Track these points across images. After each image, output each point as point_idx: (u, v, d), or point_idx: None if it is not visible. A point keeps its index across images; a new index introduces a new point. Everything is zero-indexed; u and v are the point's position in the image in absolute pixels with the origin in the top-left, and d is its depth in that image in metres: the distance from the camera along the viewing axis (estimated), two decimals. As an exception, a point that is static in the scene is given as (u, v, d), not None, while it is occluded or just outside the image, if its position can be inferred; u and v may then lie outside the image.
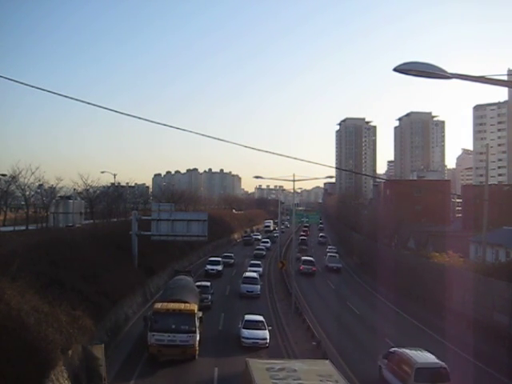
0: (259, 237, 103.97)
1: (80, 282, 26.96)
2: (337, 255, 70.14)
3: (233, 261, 64.17)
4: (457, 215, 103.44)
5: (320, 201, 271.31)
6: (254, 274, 47.60)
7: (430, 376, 20.61)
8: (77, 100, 11.65)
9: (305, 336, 31.36)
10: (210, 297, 37.95)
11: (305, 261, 60.32)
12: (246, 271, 50.52)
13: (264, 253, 74.80)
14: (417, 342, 31.47)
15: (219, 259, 57.70)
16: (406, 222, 71.18)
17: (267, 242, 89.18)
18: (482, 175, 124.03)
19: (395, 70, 7.36)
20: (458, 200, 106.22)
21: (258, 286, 44.71)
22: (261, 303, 42.32)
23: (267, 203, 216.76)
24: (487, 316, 30.50)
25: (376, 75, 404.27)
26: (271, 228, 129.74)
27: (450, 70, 7.42)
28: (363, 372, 25.32)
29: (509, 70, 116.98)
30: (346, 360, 26.97)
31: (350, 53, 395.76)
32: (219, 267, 54.96)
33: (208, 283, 40.87)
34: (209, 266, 54.78)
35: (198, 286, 35.76)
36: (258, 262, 58.75)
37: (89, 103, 11.77)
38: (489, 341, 28.55)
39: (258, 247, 79.14)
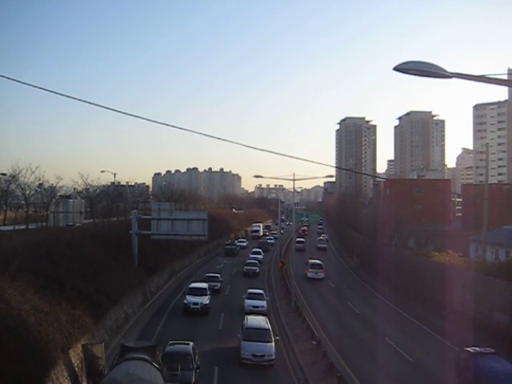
0: (244, 244, 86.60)
1: (80, 282, 26.96)
2: (324, 239, 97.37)
3: (219, 285, 45.96)
4: (457, 215, 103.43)
5: (320, 200, 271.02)
6: (263, 324, 28.72)
7: (315, 266, 56.82)
8: (77, 100, 11.66)
9: (305, 335, 31.41)
10: (193, 380, 20.66)
11: (298, 241, 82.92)
12: (247, 311, 34.93)
13: (257, 269, 57.65)
14: (417, 342, 31.60)
15: (205, 286, 39.43)
16: (406, 221, 71.15)
17: (259, 253, 69.50)
18: (482, 174, 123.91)
19: (395, 69, 7.36)
20: (458, 199, 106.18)
21: (272, 345, 26.32)
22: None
23: (267, 202, 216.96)
24: (487, 315, 30.51)
25: (376, 75, 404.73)
26: (260, 233, 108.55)
27: (450, 69, 7.41)
28: (363, 371, 25.36)
29: (509, 70, 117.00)
30: (346, 358, 27.04)
31: (350, 53, 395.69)
32: (205, 299, 36.85)
33: (189, 347, 22.72)
34: (190, 299, 36.57)
35: (171, 356, 20.95)
36: (260, 291, 40.15)
37: (89, 103, 11.77)
38: (489, 340, 28.52)
39: (248, 261, 60.52)
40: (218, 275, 47.80)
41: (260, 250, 72.24)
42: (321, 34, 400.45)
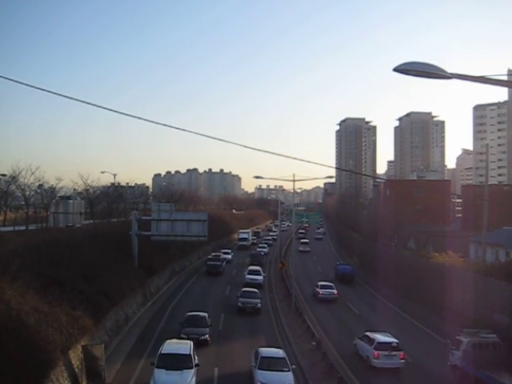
0: (229, 256, 68.05)
1: (80, 282, 26.95)
2: (321, 232, 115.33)
3: (208, 331, 29.59)
4: (457, 215, 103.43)
5: (320, 201, 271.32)
6: None
7: (304, 244, 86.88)
8: (77, 100, 11.66)
9: (305, 336, 31.39)
10: None
11: (300, 232, 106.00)
12: None
13: (258, 303, 38.79)
14: (416, 342, 31.61)
15: (187, 350, 22.69)
16: (406, 222, 71.15)
17: (257, 273, 50.81)
18: (481, 175, 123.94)
19: (395, 70, 7.36)
20: (458, 200, 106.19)
21: None
22: None
23: (267, 203, 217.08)
24: (487, 316, 30.48)
25: (376, 75, 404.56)
26: (249, 242, 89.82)
27: (449, 70, 7.42)
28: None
29: (509, 70, 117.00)
30: (346, 359, 27.04)
31: (350, 53, 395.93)
32: (187, 380, 20.89)
33: None
34: (161, 379, 20.59)
35: None
36: (279, 354, 24.36)
37: (89, 103, 11.77)
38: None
39: (245, 289, 40.93)
40: (206, 315, 31.33)
41: (259, 269, 52.44)
42: (321, 35, 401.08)
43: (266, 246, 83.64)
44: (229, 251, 71.05)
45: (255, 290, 41.35)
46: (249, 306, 38.10)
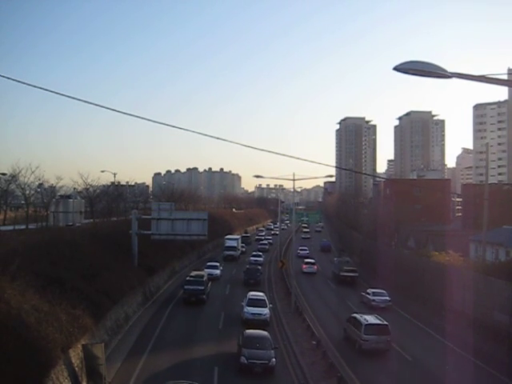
0: (218, 272, 52.72)
1: (80, 281, 26.97)
2: (320, 226, 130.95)
3: None
4: (457, 214, 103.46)
5: (320, 200, 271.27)
6: None
7: (305, 233, 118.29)
8: (77, 99, 11.66)
9: (305, 335, 31.40)
10: None
11: (303, 226, 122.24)
12: None
13: (272, 357, 24.47)
14: (416, 342, 31.64)
15: None
16: (406, 221, 71.14)
17: (262, 303, 34.88)
18: (482, 174, 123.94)
19: (395, 69, 7.36)
20: (458, 199, 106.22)
21: None
22: None
23: (267, 202, 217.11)
24: (487, 315, 30.46)
25: (376, 74, 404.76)
26: (237, 252, 71.11)
27: (450, 69, 7.41)
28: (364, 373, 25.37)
29: (509, 70, 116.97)
30: (346, 358, 27.05)
31: (350, 53, 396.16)
32: None
33: None
34: None
35: None
36: None
37: (89, 103, 11.77)
38: (489, 340, 28.53)
39: (248, 334, 26.09)
40: None
41: (263, 297, 36.23)
42: (321, 34, 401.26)
43: (260, 254, 68.69)
44: (217, 264, 55.14)
45: (265, 333, 27.22)
46: (258, 364, 24.20)
